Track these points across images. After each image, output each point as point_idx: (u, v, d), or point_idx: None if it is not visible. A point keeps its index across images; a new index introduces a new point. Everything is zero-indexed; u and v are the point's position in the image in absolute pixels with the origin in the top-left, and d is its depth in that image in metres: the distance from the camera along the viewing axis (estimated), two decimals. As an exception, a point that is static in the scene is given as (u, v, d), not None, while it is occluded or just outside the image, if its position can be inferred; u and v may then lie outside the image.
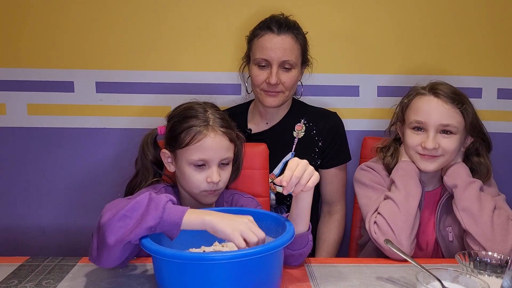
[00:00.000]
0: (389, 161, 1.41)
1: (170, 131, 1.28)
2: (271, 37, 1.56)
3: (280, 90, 1.59)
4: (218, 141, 1.24)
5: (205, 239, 1.11)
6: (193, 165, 1.24)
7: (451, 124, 1.29)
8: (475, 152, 1.39)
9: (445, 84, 1.35)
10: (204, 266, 0.91)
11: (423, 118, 1.31)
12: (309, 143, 1.67)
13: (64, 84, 1.83)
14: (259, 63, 1.58)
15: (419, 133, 1.33)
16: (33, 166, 1.87)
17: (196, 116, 1.26)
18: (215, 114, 1.28)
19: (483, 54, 1.86)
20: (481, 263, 1.14)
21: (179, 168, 1.27)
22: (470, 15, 1.84)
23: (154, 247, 0.94)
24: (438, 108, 1.30)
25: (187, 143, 1.23)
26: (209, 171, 1.24)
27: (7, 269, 1.14)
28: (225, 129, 1.26)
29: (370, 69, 1.86)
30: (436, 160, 1.32)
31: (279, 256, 1.01)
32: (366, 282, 1.12)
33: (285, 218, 1.10)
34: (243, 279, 0.94)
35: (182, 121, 1.26)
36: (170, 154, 1.30)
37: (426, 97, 1.32)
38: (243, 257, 0.91)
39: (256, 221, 1.01)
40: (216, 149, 1.23)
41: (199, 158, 1.23)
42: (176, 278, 0.95)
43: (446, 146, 1.30)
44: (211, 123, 1.25)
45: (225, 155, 1.26)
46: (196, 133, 1.22)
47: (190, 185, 1.26)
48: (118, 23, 1.81)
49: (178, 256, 0.92)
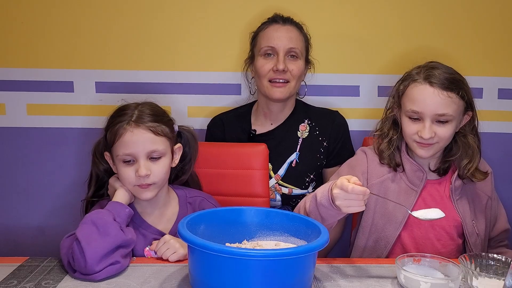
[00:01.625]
0: (384, 147, 1.42)
1: (104, 131, 1.32)
2: (276, 27, 1.61)
3: (287, 79, 1.59)
4: (139, 134, 1.25)
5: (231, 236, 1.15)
6: (122, 161, 1.27)
7: (447, 113, 1.30)
8: (462, 133, 1.39)
9: (440, 68, 1.33)
10: (242, 262, 0.93)
11: (418, 108, 1.31)
12: (313, 143, 1.67)
13: (63, 84, 1.83)
14: (266, 52, 1.60)
15: (415, 122, 1.34)
16: (33, 166, 1.87)
17: (124, 115, 1.28)
18: (145, 111, 1.30)
19: (484, 54, 1.86)
20: (484, 265, 1.14)
21: (116, 166, 1.30)
22: (471, 16, 1.84)
23: (193, 238, 0.96)
24: (434, 98, 1.29)
25: (113, 141, 1.26)
26: (136, 165, 1.26)
27: (6, 270, 1.14)
28: (150, 123, 1.27)
29: (370, 69, 1.86)
30: (432, 147, 1.34)
31: (313, 259, 1.03)
32: (366, 282, 1.12)
33: (317, 222, 1.12)
34: (275, 278, 0.95)
35: (111, 120, 1.30)
36: (109, 155, 1.32)
37: (422, 86, 1.32)
38: (279, 256, 0.94)
39: (286, 223, 1.15)
40: (138, 142, 1.25)
41: (123, 153, 1.25)
42: (213, 271, 0.96)
43: (441, 134, 1.32)
44: (133, 119, 1.27)
45: (150, 147, 1.26)
46: (118, 129, 1.26)
47: (123, 181, 1.29)
48: (118, 23, 1.80)
49: (217, 250, 0.93)
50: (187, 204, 1.38)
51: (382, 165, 1.43)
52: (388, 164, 1.42)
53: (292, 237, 1.15)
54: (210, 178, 1.57)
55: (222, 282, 0.96)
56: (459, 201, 1.39)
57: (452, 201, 1.39)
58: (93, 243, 1.10)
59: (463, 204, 1.39)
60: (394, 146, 1.42)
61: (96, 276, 1.08)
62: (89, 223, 1.15)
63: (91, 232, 1.13)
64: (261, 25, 1.66)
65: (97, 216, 1.17)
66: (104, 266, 1.09)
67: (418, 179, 1.39)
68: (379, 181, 1.42)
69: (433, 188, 1.41)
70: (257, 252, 0.95)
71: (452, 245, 1.40)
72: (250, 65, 1.70)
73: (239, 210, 1.19)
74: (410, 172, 1.40)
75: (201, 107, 1.86)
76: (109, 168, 1.36)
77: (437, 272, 1.11)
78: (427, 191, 1.40)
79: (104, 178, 1.38)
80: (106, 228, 1.14)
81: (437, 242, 1.39)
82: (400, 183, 1.41)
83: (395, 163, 1.41)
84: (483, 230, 1.41)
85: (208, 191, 1.49)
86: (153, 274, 1.13)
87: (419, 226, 1.39)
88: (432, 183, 1.41)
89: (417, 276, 1.04)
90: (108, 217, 1.17)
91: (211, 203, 1.41)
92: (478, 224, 1.40)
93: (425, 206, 1.37)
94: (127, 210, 1.23)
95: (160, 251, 1.21)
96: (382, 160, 1.42)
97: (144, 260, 1.22)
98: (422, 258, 1.14)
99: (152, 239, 1.29)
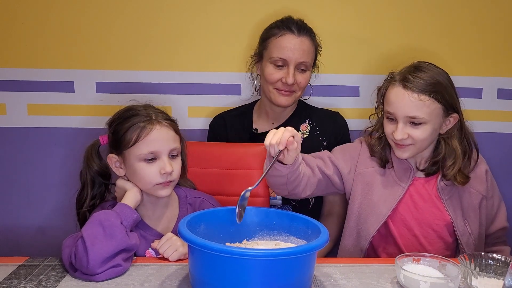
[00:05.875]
0: (375, 143, 1.45)
1: (114, 134, 1.29)
2: (291, 37, 1.58)
3: (294, 90, 1.61)
4: (164, 132, 1.27)
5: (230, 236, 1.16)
6: (143, 160, 1.25)
7: (418, 116, 1.31)
8: (447, 135, 1.39)
9: (422, 71, 1.33)
10: (242, 261, 0.94)
11: (392, 109, 1.34)
12: (313, 143, 1.68)
13: (64, 84, 1.83)
14: (276, 62, 1.60)
15: (392, 123, 1.37)
16: (33, 166, 1.87)
17: (138, 114, 1.28)
18: (156, 110, 1.31)
19: (483, 54, 1.86)
20: (483, 265, 1.15)
21: (130, 167, 1.28)
22: (471, 16, 1.84)
23: (193, 238, 0.96)
24: (404, 100, 1.31)
25: (134, 141, 1.24)
26: (160, 162, 1.26)
27: (7, 269, 1.14)
28: (168, 121, 1.29)
29: (370, 69, 1.86)
30: (408, 148, 1.36)
31: (313, 259, 1.03)
32: (366, 282, 1.12)
33: (317, 222, 1.12)
34: (275, 278, 0.96)
35: (124, 122, 1.28)
36: (118, 158, 1.30)
37: (396, 89, 1.34)
38: (279, 256, 0.94)
39: (286, 223, 1.16)
40: (164, 139, 1.26)
41: (149, 151, 1.25)
42: (213, 270, 0.97)
43: (415, 136, 1.33)
44: (154, 117, 1.27)
45: (173, 145, 1.28)
46: (141, 128, 1.25)
47: (143, 181, 1.27)
48: (118, 23, 1.81)
49: (217, 249, 0.93)
50: (187, 205, 1.38)
51: (373, 157, 1.46)
52: (379, 159, 1.44)
53: (292, 237, 1.16)
54: (210, 178, 1.57)
55: (222, 282, 0.96)
56: (449, 200, 1.40)
57: (442, 200, 1.40)
58: (98, 245, 1.10)
59: (453, 203, 1.40)
60: (384, 142, 1.44)
61: (97, 278, 1.08)
62: (97, 223, 1.14)
63: (97, 232, 1.12)
64: (274, 28, 1.62)
65: (105, 217, 1.16)
66: (106, 268, 1.09)
67: (406, 175, 1.41)
68: (367, 171, 1.45)
69: (421, 186, 1.42)
70: (257, 252, 0.95)
71: (440, 243, 1.41)
72: (257, 63, 1.70)
73: (239, 210, 1.20)
74: (399, 168, 1.42)
75: (201, 107, 1.87)
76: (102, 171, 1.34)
77: (437, 272, 1.11)
78: (414, 188, 1.42)
79: (95, 182, 1.36)
80: (113, 231, 1.13)
81: (423, 239, 1.40)
82: (388, 177, 1.43)
83: (385, 159, 1.44)
84: (476, 229, 1.42)
85: (208, 191, 1.48)
86: (153, 273, 1.13)
87: (405, 223, 1.40)
88: (420, 181, 1.43)
89: (416, 276, 1.05)
90: (116, 219, 1.16)
91: (212, 204, 1.41)
92: (470, 223, 1.41)
93: (412, 203, 1.41)
94: (134, 216, 1.22)
95: (162, 248, 1.21)
96: (373, 154, 1.45)
97: (144, 260, 1.22)
98: (422, 258, 1.15)
99: (152, 241, 1.29)
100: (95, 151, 1.35)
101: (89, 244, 1.09)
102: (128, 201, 1.25)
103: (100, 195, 1.37)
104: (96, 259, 1.08)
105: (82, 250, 1.09)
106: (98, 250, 1.09)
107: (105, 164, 1.35)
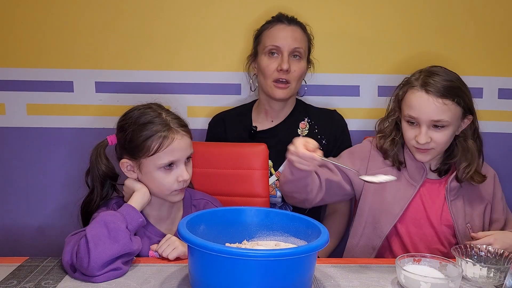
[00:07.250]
0: (388, 147, 1.44)
1: (130, 141, 1.26)
2: (281, 27, 1.63)
3: (288, 80, 1.62)
4: (184, 141, 1.27)
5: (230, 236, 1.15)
6: (162, 168, 1.25)
7: (442, 120, 1.32)
8: (462, 136, 1.41)
9: (439, 75, 1.35)
10: (242, 262, 0.93)
11: (415, 114, 1.34)
12: None
13: (63, 84, 1.83)
14: (270, 50, 1.62)
15: (413, 127, 1.37)
16: (32, 166, 1.87)
17: (153, 122, 1.26)
18: (170, 115, 1.30)
19: (484, 54, 1.86)
20: (476, 256, 1.21)
21: (147, 174, 1.27)
22: (471, 16, 1.84)
23: (193, 238, 0.96)
24: (429, 105, 1.32)
25: (155, 150, 1.23)
26: (178, 170, 1.26)
27: (6, 270, 1.14)
28: (184, 128, 1.29)
29: (370, 69, 1.86)
30: (429, 152, 1.37)
31: (313, 259, 1.03)
32: (367, 282, 1.12)
33: (318, 222, 1.12)
34: (275, 278, 0.95)
35: (142, 129, 1.25)
36: (131, 162, 1.28)
37: (418, 93, 1.34)
38: (279, 256, 0.94)
39: (286, 223, 1.16)
40: (183, 149, 1.27)
41: (169, 160, 1.25)
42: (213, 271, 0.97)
43: (438, 139, 1.34)
44: (171, 125, 1.26)
45: (189, 151, 1.30)
46: (163, 138, 1.24)
47: (161, 187, 1.27)
48: (118, 23, 1.80)
49: (217, 250, 0.93)
50: (191, 207, 1.38)
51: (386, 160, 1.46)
52: (393, 162, 1.44)
53: (292, 237, 1.15)
54: (210, 178, 1.57)
55: (222, 282, 0.96)
56: (454, 202, 1.41)
57: (447, 201, 1.40)
58: (101, 247, 1.09)
59: (457, 205, 1.41)
60: (398, 145, 1.44)
61: (96, 279, 1.08)
62: (102, 224, 1.13)
63: (101, 234, 1.11)
64: (265, 24, 1.67)
65: (111, 219, 1.15)
66: (105, 271, 1.09)
67: (419, 175, 1.42)
68: (380, 172, 1.43)
69: (432, 187, 1.43)
70: (257, 252, 0.95)
71: (444, 244, 1.41)
72: (253, 62, 1.72)
73: (239, 210, 1.20)
74: (412, 168, 1.43)
75: (201, 107, 1.86)
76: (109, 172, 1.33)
77: (437, 272, 1.11)
78: (425, 188, 1.42)
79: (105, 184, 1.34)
80: (117, 234, 1.12)
81: (434, 239, 1.40)
82: (400, 177, 1.43)
83: (398, 162, 1.44)
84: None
85: (208, 191, 1.48)
86: (153, 274, 1.13)
87: (415, 222, 1.41)
88: (431, 182, 1.43)
89: (417, 276, 1.04)
90: (121, 223, 1.15)
91: (216, 206, 1.40)
92: (473, 226, 1.41)
93: (422, 202, 1.41)
94: (140, 220, 1.21)
95: (161, 249, 1.21)
96: (387, 158, 1.45)
97: (144, 260, 1.22)
98: (422, 258, 1.15)
99: (156, 241, 1.28)
100: (103, 151, 1.33)
101: (92, 245, 1.09)
102: (136, 202, 1.24)
103: (106, 194, 1.36)
104: (97, 261, 1.07)
105: (84, 250, 1.09)
106: (100, 253, 1.08)
107: (112, 165, 1.34)
